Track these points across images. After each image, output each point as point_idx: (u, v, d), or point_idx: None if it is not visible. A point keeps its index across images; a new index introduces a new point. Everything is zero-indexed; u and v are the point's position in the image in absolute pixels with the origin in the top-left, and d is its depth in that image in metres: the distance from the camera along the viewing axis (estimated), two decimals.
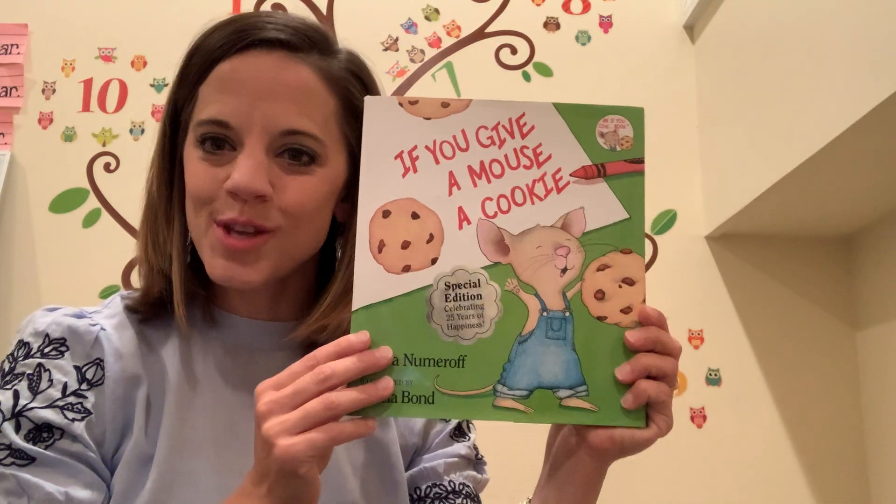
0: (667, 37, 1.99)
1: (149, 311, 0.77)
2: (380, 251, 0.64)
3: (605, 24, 2.00)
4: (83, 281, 1.85)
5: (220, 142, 0.72)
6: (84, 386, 0.71)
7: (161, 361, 0.75)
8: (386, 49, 1.98)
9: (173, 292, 0.74)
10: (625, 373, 0.62)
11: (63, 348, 0.72)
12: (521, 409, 0.62)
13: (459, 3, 2.01)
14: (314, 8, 1.99)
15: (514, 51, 1.98)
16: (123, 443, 0.72)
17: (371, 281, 0.63)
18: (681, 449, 1.75)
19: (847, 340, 1.83)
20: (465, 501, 0.81)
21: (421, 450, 0.84)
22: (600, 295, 0.64)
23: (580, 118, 0.65)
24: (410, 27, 2.00)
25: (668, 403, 0.63)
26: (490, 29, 1.99)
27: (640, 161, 0.65)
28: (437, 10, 2.01)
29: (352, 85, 0.77)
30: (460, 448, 0.84)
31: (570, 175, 0.65)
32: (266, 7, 1.98)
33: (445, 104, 0.66)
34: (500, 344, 0.63)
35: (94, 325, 0.74)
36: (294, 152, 0.72)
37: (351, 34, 2.26)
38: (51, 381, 0.70)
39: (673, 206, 1.89)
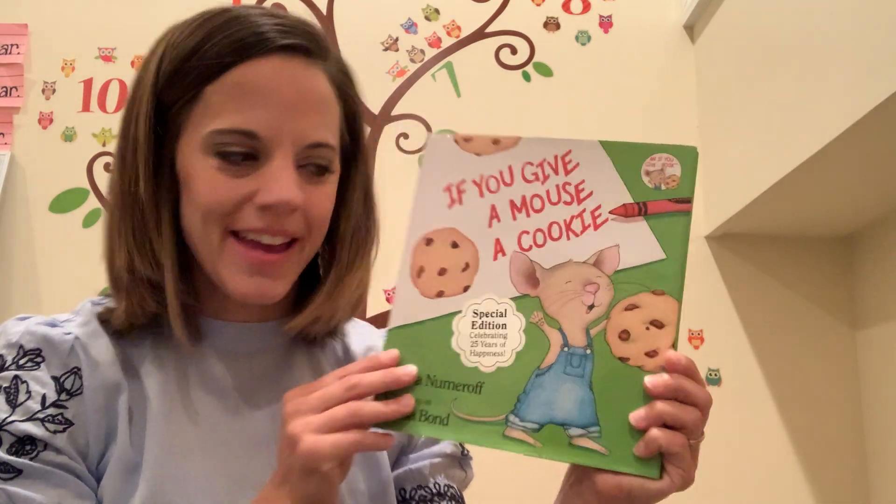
0: (667, 37, 1.99)
1: (132, 327, 0.74)
2: (419, 276, 0.66)
3: (605, 24, 2.00)
4: (83, 281, 1.85)
5: (241, 153, 0.70)
6: (63, 396, 0.69)
7: (142, 367, 0.73)
8: (386, 49, 1.98)
9: (168, 306, 0.71)
10: (638, 418, 0.59)
11: (39, 359, 0.70)
12: (529, 443, 0.61)
13: (459, 3, 2.01)
14: (314, 8, 1.99)
15: (514, 51, 1.98)
16: (107, 451, 0.70)
17: (407, 303, 0.66)
18: None
19: (847, 340, 1.83)
20: (449, 503, 0.81)
21: (407, 448, 0.83)
22: (625, 335, 0.61)
23: (626, 156, 0.64)
24: (410, 27, 2.00)
25: (683, 455, 0.60)
26: (490, 29, 1.99)
27: (686, 201, 0.63)
28: (437, 10, 2.01)
29: (349, 88, 0.77)
30: (445, 446, 0.83)
31: (610, 212, 0.64)
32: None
33: (496, 141, 0.68)
34: (517, 374, 0.62)
35: (67, 333, 0.72)
36: (316, 164, 0.72)
37: (351, 34, 2.26)
38: (29, 392, 0.68)
39: None
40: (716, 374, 1.82)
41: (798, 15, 1.44)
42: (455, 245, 0.66)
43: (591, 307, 0.62)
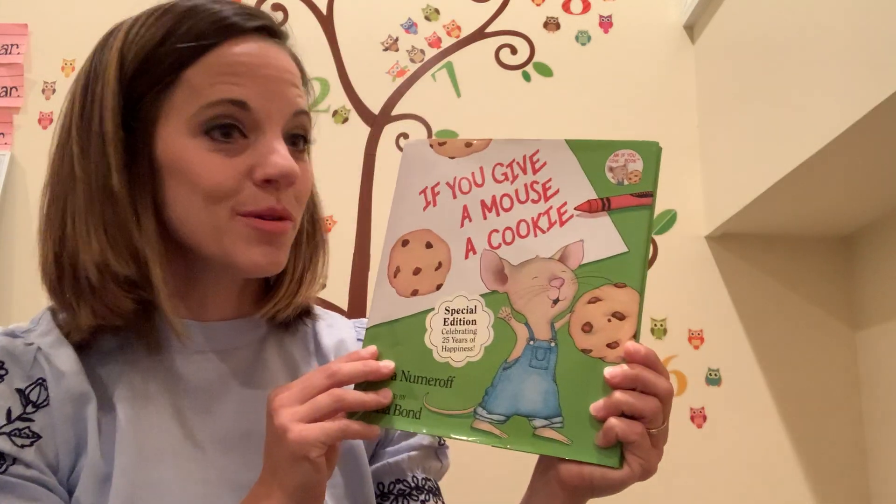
0: (667, 37, 1.99)
1: (99, 330, 0.72)
2: (395, 276, 0.69)
3: (605, 24, 2.00)
4: None
5: (230, 128, 0.69)
6: (29, 408, 0.67)
7: (108, 375, 0.71)
8: (386, 49, 1.98)
9: (158, 299, 0.69)
10: (597, 408, 0.60)
11: (2, 371, 0.68)
12: (496, 434, 0.63)
13: (459, 3, 2.01)
14: (314, 8, 1.99)
15: (514, 51, 1.98)
16: (78, 463, 0.68)
17: (384, 302, 0.68)
18: (681, 449, 1.75)
19: (847, 340, 1.83)
20: (427, 497, 0.81)
21: (383, 441, 0.83)
22: (588, 327, 0.63)
23: (591, 153, 0.66)
24: (410, 27, 2.00)
25: (642, 445, 0.60)
26: (490, 29, 1.99)
27: (648, 195, 0.64)
28: (437, 10, 2.01)
29: (304, 72, 0.79)
30: (422, 438, 0.83)
31: (575, 209, 0.66)
32: (265, 8, 1.98)
33: (468, 144, 0.70)
34: (486, 368, 0.64)
35: (29, 344, 0.70)
36: (295, 138, 0.74)
37: (351, 34, 2.25)
38: None
39: (673, 206, 1.89)
40: (716, 374, 1.82)
41: (798, 15, 1.44)
42: (429, 245, 0.69)
43: (555, 301, 0.64)
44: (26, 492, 0.65)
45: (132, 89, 0.71)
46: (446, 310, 0.67)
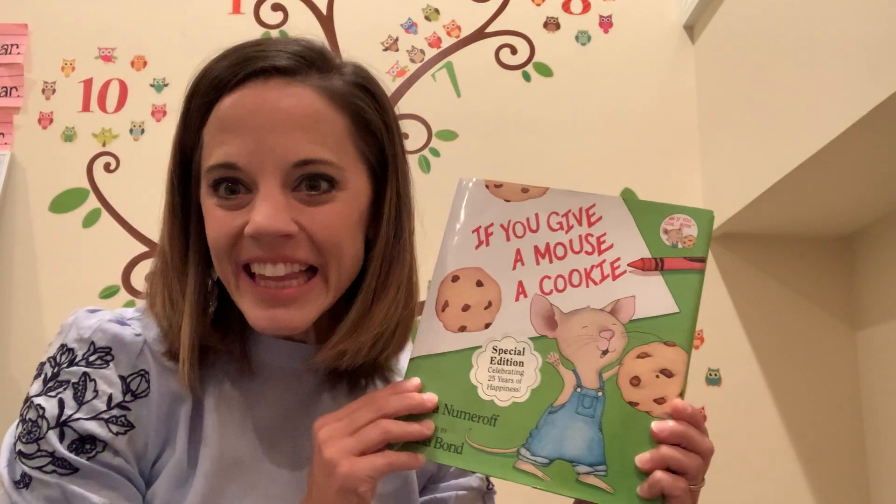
0: (667, 37, 1.99)
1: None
2: (443, 310, 0.70)
3: (605, 24, 2.00)
4: (83, 281, 1.85)
5: (234, 185, 0.70)
6: (128, 397, 0.70)
7: (205, 381, 0.74)
8: (386, 49, 1.98)
9: (180, 348, 0.72)
10: (644, 461, 0.62)
11: (108, 357, 0.70)
12: (538, 476, 0.64)
13: (459, 3, 2.01)
14: (314, 8, 1.99)
15: (514, 51, 1.98)
16: (162, 456, 0.71)
17: (430, 335, 0.69)
18: None
19: (847, 340, 1.83)
20: None
21: (435, 477, 0.84)
22: (636, 381, 0.64)
23: (647, 214, 0.69)
24: (410, 27, 2.00)
25: (683, 499, 0.62)
26: (490, 29, 1.99)
27: (701, 260, 0.68)
28: (437, 10, 2.01)
29: (359, 99, 0.75)
30: (472, 480, 0.84)
31: (628, 265, 0.68)
32: (265, 8, 1.98)
33: (525, 189, 0.72)
34: (531, 410, 0.65)
35: (138, 335, 0.72)
36: (311, 182, 0.70)
37: (351, 34, 2.26)
38: (96, 391, 0.69)
39: None
40: (716, 374, 1.82)
41: (798, 15, 1.44)
42: (480, 284, 0.70)
43: (605, 352, 0.66)
44: (107, 480, 0.67)
45: (183, 147, 0.75)
46: (494, 349, 0.67)
